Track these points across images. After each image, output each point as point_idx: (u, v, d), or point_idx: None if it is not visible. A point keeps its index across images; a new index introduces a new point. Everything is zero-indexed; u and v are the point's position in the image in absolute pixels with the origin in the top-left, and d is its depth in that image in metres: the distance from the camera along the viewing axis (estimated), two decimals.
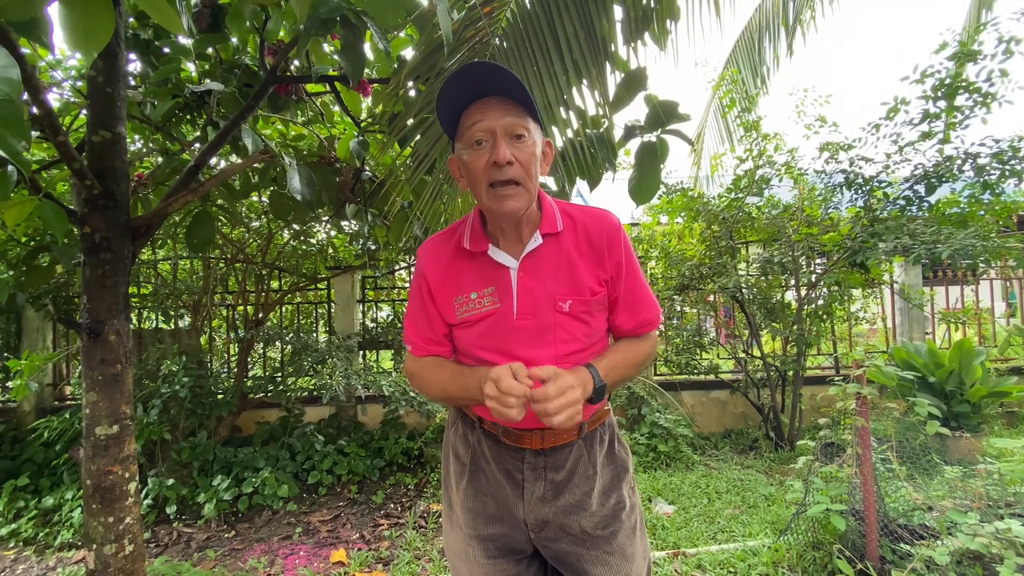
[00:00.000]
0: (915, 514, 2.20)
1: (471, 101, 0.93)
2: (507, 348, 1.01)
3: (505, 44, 1.69)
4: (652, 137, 1.82)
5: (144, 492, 3.17)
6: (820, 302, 4.10)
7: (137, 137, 2.81)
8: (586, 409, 1.02)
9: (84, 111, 2.13)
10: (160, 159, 2.70)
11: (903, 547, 2.00)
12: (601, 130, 1.84)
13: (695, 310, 4.77)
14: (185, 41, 2.14)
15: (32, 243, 3.09)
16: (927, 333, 4.72)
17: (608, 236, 1.01)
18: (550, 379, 0.87)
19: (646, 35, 1.75)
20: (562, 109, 1.73)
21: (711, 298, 4.68)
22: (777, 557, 2.28)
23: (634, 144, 1.86)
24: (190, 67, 2.41)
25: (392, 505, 3.33)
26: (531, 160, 0.94)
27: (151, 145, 2.81)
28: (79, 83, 2.67)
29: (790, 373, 4.03)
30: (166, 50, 2.17)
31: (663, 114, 1.77)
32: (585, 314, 1.01)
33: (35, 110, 1.59)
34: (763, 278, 4.21)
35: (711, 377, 4.54)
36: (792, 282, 4.07)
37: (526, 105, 0.93)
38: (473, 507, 1.06)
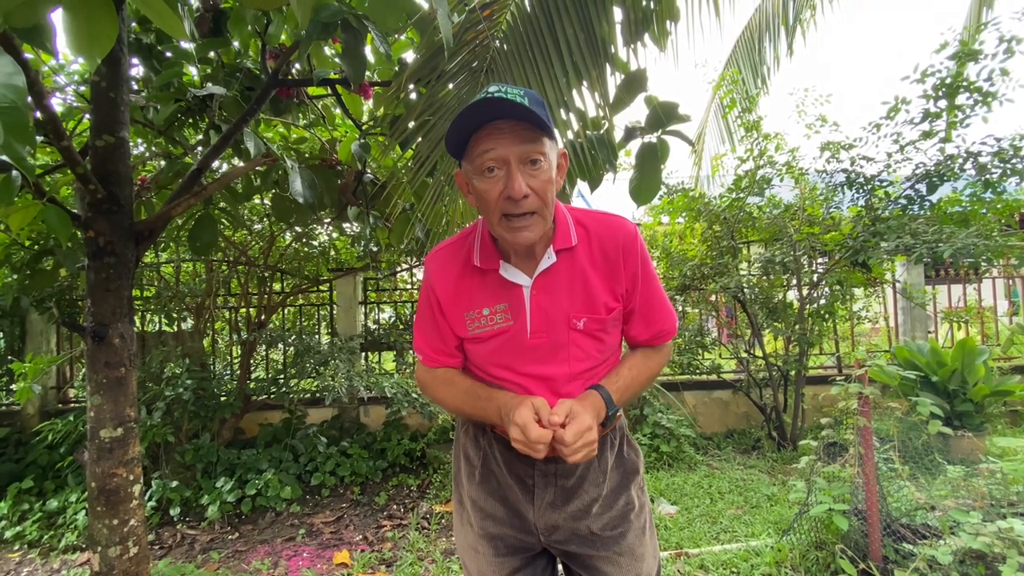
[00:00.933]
0: (918, 514, 2.20)
1: (481, 124, 0.87)
2: (519, 365, 0.99)
3: (505, 47, 1.70)
4: (652, 138, 1.82)
5: (148, 494, 3.18)
6: (822, 301, 4.10)
7: (140, 141, 2.82)
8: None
9: (87, 116, 2.14)
10: (163, 163, 2.71)
11: (906, 547, 1.99)
12: (601, 131, 1.85)
13: (697, 310, 4.77)
14: (187, 46, 2.15)
15: (36, 247, 3.10)
16: (929, 332, 4.71)
17: (624, 247, 0.98)
18: (568, 421, 0.87)
19: (646, 36, 1.76)
20: (562, 111, 1.73)
21: (713, 298, 4.67)
22: (780, 557, 2.28)
23: (635, 145, 1.87)
24: (192, 71, 2.42)
25: (395, 506, 3.34)
26: (547, 187, 0.88)
27: (154, 149, 2.82)
28: (82, 88, 2.69)
29: (792, 373, 4.03)
30: (168, 55, 2.18)
31: (663, 115, 1.78)
32: (600, 331, 0.99)
33: (39, 115, 1.60)
34: (765, 278, 4.21)
35: (713, 377, 4.54)
36: (794, 282, 4.07)
37: (540, 124, 0.86)
38: (484, 508, 1.07)
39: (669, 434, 3.91)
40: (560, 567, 1.15)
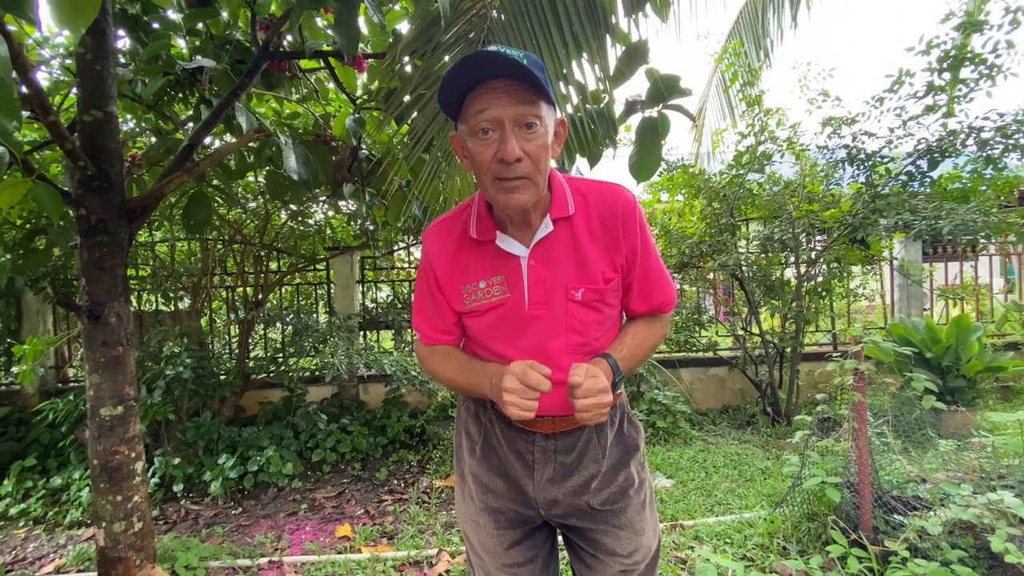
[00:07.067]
0: (909, 486, 2.24)
1: (477, 83, 0.84)
2: (518, 338, 0.98)
3: (503, 17, 1.65)
4: (653, 112, 1.79)
5: (151, 471, 3.22)
6: (819, 279, 4.11)
7: (129, 116, 2.76)
8: None
9: (74, 90, 2.09)
10: (153, 139, 2.66)
11: (896, 518, 2.04)
12: (601, 105, 1.81)
13: (694, 288, 4.78)
14: (174, 16, 2.08)
15: (28, 226, 3.07)
16: (925, 309, 4.73)
17: (623, 217, 0.96)
18: (587, 379, 0.86)
19: (647, 6, 1.71)
20: (562, 84, 1.69)
21: (711, 276, 4.68)
22: (773, 528, 2.33)
23: (635, 120, 1.84)
24: (180, 43, 2.35)
25: (395, 481, 3.39)
26: (541, 152, 0.86)
27: (143, 125, 2.76)
28: (68, 61, 2.61)
29: (788, 350, 4.06)
30: (155, 26, 2.12)
31: (664, 89, 1.74)
32: (598, 302, 0.98)
33: (24, 89, 1.56)
34: (763, 255, 4.20)
35: (710, 354, 4.57)
36: (792, 259, 4.07)
37: (537, 86, 0.83)
38: (485, 482, 1.08)
39: (665, 410, 3.96)
40: (560, 539, 1.17)
